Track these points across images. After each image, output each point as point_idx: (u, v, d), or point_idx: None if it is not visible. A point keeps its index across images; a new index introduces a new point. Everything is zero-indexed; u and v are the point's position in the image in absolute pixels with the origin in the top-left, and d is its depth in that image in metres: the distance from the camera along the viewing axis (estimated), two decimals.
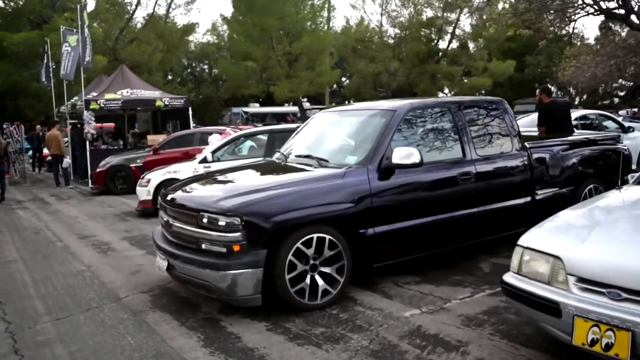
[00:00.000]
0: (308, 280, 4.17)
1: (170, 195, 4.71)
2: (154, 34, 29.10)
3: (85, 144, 13.82)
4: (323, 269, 4.23)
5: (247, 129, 11.05)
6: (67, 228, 8.46)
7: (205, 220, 4.05)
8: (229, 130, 11.16)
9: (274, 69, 25.89)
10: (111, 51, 26.62)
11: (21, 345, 3.92)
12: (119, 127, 19.60)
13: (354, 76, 35.50)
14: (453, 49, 32.15)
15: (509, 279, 3.30)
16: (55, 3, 28.54)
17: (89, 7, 26.68)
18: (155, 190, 8.68)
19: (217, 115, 34.93)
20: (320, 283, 4.21)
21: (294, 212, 4.10)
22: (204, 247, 4.08)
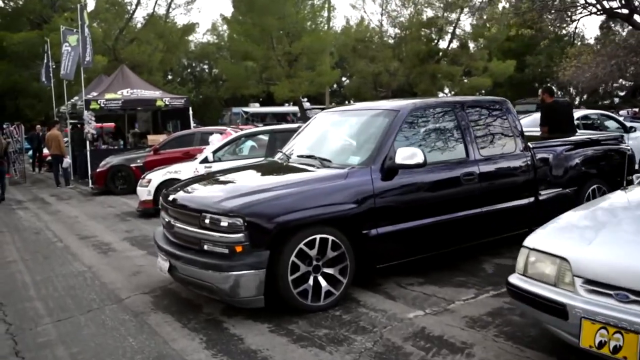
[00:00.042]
0: (311, 282, 4.13)
1: (172, 195, 4.68)
2: (154, 34, 29.09)
3: (86, 143, 13.81)
4: (326, 270, 4.20)
5: (248, 129, 11.02)
6: (68, 228, 8.43)
7: (207, 221, 4.02)
8: (230, 130, 11.13)
9: (274, 69, 25.89)
10: (111, 51, 26.60)
11: (22, 347, 3.89)
12: (119, 127, 19.57)
13: (354, 76, 35.49)
14: (453, 48, 32.14)
15: (515, 280, 3.27)
16: (55, 3, 28.52)
17: (89, 7, 26.65)
18: (156, 190, 8.66)
19: (217, 115, 34.92)
20: (323, 284, 4.18)
21: (296, 213, 4.07)
22: (206, 248, 4.05)
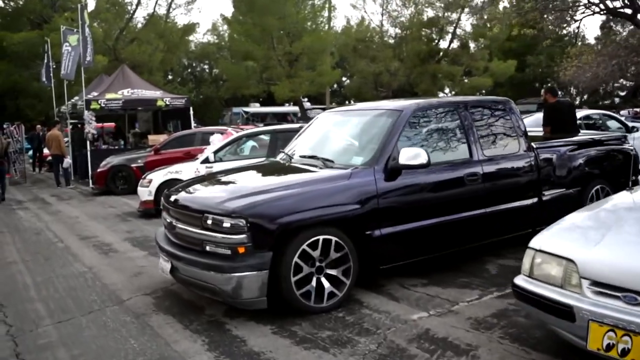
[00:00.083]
0: (314, 283, 4.10)
1: (174, 196, 4.65)
2: (154, 34, 29.07)
3: (86, 143, 13.78)
4: (329, 271, 4.16)
5: (249, 129, 10.99)
6: (68, 229, 8.40)
7: (209, 221, 3.99)
8: (231, 130, 11.09)
9: (274, 69, 25.89)
10: (111, 51, 26.58)
11: (22, 348, 3.85)
12: (120, 127, 19.54)
13: (354, 76, 35.48)
14: (454, 48, 32.12)
15: (521, 281, 3.24)
16: (56, 3, 28.50)
17: (89, 7, 26.62)
18: (157, 190, 8.63)
19: (218, 115, 34.89)
20: (327, 285, 4.15)
21: (299, 214, 4.04)
22: (208, 249, 4.02)
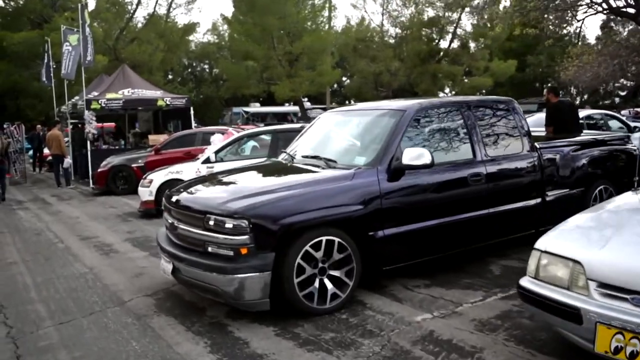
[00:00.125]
0: (317, 284, 4.06)
1: (175, 196, 4.61)
2: (154, 34, 29.07)
3: (86, 143, 13.75)
4: (332, 273, 4.13)
5: (250, 129, 10.96)
6: (69, 229, 8.37)
7: (211, 222, 3.96)
8: (232, 130, 11.06)
9: (274, 69, 25.88)
10: (112, 51, 26.57)
11: (23, 350, 3.82)
12: (120, 127, 19.51)
13: (354, 76, 35.47)
14: (454, 48, 32.11)
15: (526, 283, 3.21)
16: (56, 2, 28.49)
17: (90, 7, 26.59)
18: (158, 190, 8.59)
19: (218, 115, 34.89)
20: (329, 287, 4.11)
21: (302, 215, 4.00)
22: (211, 250, 3.99)
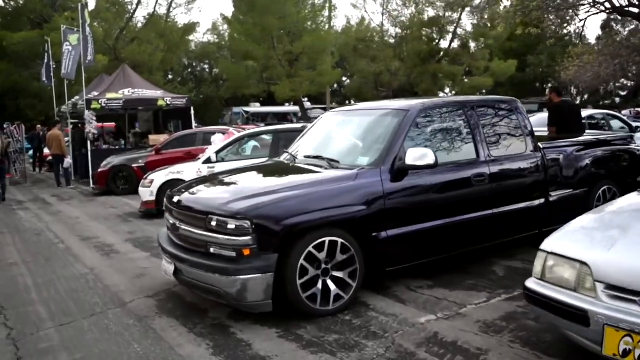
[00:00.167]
0: (320, 285, 4.03)
1: (177, 197, 4.58)
2: (154, 34, 29.06)
3: (87, 143, 13.72)
4: (335, 274, 4.10)
5: (251, 129, 10.93)
6: (69, 229, 8.34)
7: (213, 223, 3.93)
8: (232, 130, 11.04)
9: (274, 69, 25.86)
10: (112, 51, 26.55)
11: (24, 352, 3.79)
12: (120, 127, 19.48)
13: (355, 76, 35.47)
14: (454, 48, 32.12)
15: (532, 285, 3.17)
16: (56, 2, 28.48)
17: (90, 7, 26.56)
18: (159, 190, 8.56)
19: (218, 115, 34.86)
20: (333, 288, 4.08)
21: (305, 215, 3.97)
22: (213, 251, 3.96)
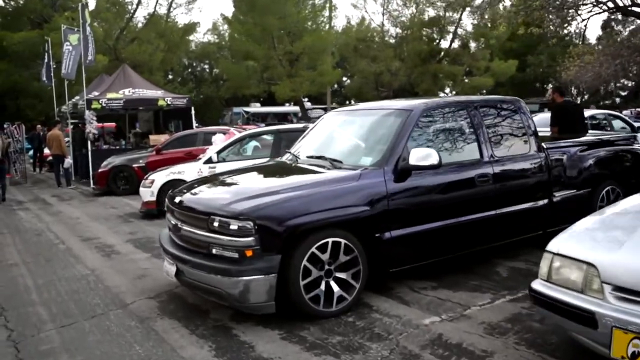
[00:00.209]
0: (323, 287, 4.00)
1: (179, 197, 4.54)
2: (155, 34, 29.04)
3: (87, 143, 13.68)
4: (338, 275, 4.06)
5: (252, 129, 10.89)
6: (70, 230, 8.30)
7: (216, 224, 3.89)
8: (233, 130, 11.01)
9: (275, 69, 25.84)
10: (112, 51, 26.53)
11: (24, 354, 3.75)
12: (120, 127, 19.45)
13: (355, 76, 35.46)
14: (455, 48, 32.10)
15: (538, 286, 3.14)
16: (56, 2, 28.45)
17: (90, 7, 26.52)
18: (160, 191, 8.53)
19: (218, 115, 34.83)
20: (336, 289, 4.05)
21: (308, 216, 3.93)
22: (215, 252, 3.92)
